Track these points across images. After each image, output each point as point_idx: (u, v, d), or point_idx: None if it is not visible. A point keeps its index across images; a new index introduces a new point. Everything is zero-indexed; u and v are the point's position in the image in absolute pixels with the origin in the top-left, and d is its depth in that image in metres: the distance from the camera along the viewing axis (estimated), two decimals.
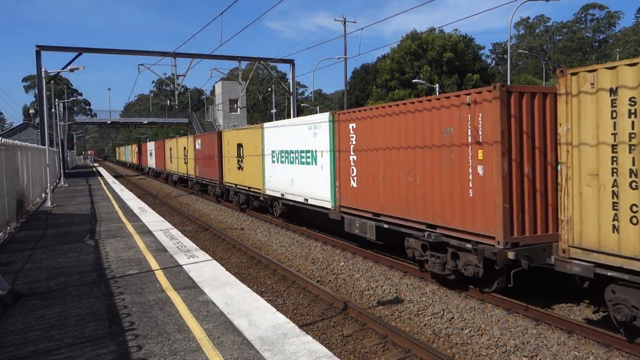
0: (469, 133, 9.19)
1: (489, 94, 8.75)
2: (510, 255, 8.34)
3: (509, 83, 30.63)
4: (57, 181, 35.66)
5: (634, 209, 6.67)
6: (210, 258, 10.47)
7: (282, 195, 18.17)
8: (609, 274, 7.03)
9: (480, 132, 8.93)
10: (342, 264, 12.97)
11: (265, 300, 7.61)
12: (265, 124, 20.49)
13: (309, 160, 16.04)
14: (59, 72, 30.18)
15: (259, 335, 6.04)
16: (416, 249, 10.78)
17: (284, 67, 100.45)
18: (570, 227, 7.49)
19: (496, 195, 8.53)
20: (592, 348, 7.43)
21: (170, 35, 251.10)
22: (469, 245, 9.20)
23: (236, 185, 23.90)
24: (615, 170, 6.93)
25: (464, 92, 9.46)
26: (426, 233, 10.19)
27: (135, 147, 73.86)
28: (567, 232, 7.55)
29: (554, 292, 9.71)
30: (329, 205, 14.66)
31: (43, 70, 25.03)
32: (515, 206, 8.58)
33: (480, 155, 8.97)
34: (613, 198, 6.96)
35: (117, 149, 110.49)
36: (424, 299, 9.93)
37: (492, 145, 8.63)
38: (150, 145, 56.26)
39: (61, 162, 40.87)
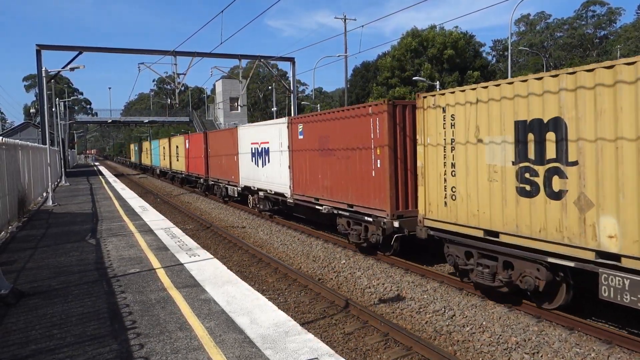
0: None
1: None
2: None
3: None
4: (59, 180, 35.70)
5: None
6: (212, 256, 10.48)
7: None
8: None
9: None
10: (343, 262, 12.98)
11: (267, 298, 7.62)
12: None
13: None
14: (59, 71, 30.17)
15: (261, 334, 6.05)
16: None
17: (284, 65, 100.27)
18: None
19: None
20: (594, 345, 7.43)
21: (171, 33, 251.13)
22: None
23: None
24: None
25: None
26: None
27: (180, 140, 37.77)
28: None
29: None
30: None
31: (43, 69, 25.00)
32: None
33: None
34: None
35: (131, 146, 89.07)
36: (425, 296, 9.93)
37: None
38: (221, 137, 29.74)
39: (62, 162, 40.91)
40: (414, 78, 45.32)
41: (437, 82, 42.00)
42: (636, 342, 7.24)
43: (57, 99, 48.98)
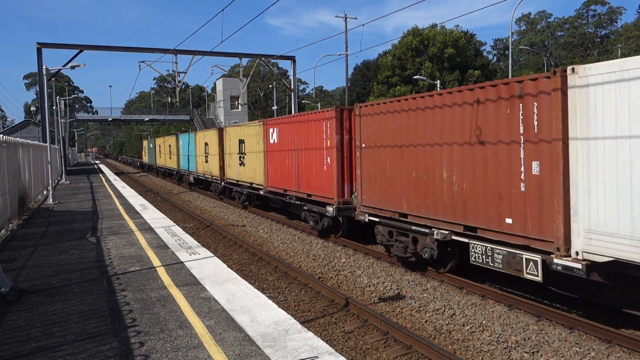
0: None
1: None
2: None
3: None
4: (59, 178, 35.72)
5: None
6: (212, 255, 10.48)
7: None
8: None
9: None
10: (344, 260, 12.98)
11: (267, 296, 7.63)
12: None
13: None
14: (60, 70, 30.15)
15: (261, 332, 6.05)
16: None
17: (285, 64, 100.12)
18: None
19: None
20: (593, 344, 7.43)
21: (171, 32, 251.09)
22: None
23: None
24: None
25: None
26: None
27: (254, 130, 22.10)
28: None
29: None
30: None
31: (44, 67, 25.01)
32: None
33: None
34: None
35: (144, 142, 68.85)
36: (425, 295, 9.94)
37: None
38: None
39: (63, 160, 40.92)
40: (414, 77, 45.31)
41: (438, 81, 41.96)
42: (635, 341, 7.24)
43: (58, 97, 48.97)
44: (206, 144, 29.58)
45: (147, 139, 61.83)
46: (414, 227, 10.93)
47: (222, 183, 26.33)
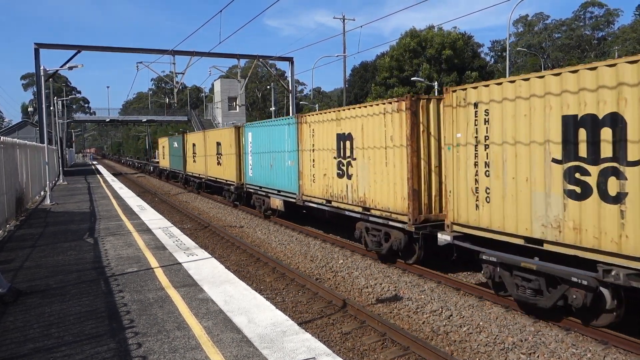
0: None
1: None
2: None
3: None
4: (56, 179, 35.65)
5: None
6: (210, 256, 10.49)
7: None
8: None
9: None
10: (341, 261, 13.00)
11: (265, 297, 7.63)
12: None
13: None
14: (57, 70, 30.11)
15: (258, 333, 6.06)
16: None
17: (283, 65, 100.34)
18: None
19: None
20: (590, 345, 7.46)
21: (169, 33, 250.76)
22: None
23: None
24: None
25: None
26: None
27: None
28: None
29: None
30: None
31: (42, 68, 24.99)
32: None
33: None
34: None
35: (161, 142, 49.37)
36: (422, 296, 9.96)
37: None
38: None
39: (60, 160, 40.83)
40: (412, 78, 45.41)
41: (436, 83, 42.04)
42: (632, 342, 7.27)
43: (55, 98, 48.88)
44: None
45: (168, 136, 45.70)
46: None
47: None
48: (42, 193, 25.15)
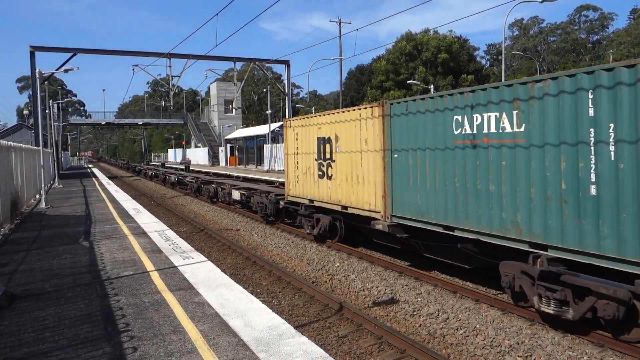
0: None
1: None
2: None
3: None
4: (52, 182, 35.51)
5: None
6: (206, 259, 10.45)
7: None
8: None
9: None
10: (338, 264, 12.98)
11: (261, 301, 7.61)
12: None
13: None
14: (53, 73, 30.05)
15: (255, 336, 6.04)
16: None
17: (279, 68, 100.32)
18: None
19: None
20: (586, 348, 7.47)
21: (165, 36, 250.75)
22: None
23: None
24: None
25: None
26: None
27: None
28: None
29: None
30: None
31: (37, 71, 24.89)
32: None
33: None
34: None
35: (289, 131, 19.79)
36: (419, 299, 9.96)
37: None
38: None
39: (55, 164, 40.70)
40: (408, 81, 45.47)
41: (432, 86, 42.17)
42: (628, 345, 7.29)
43: (51, 101, 48.70)
44: None
45: (300, 117, 20.60)
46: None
47: None
48: (38, 196, 25.05)
